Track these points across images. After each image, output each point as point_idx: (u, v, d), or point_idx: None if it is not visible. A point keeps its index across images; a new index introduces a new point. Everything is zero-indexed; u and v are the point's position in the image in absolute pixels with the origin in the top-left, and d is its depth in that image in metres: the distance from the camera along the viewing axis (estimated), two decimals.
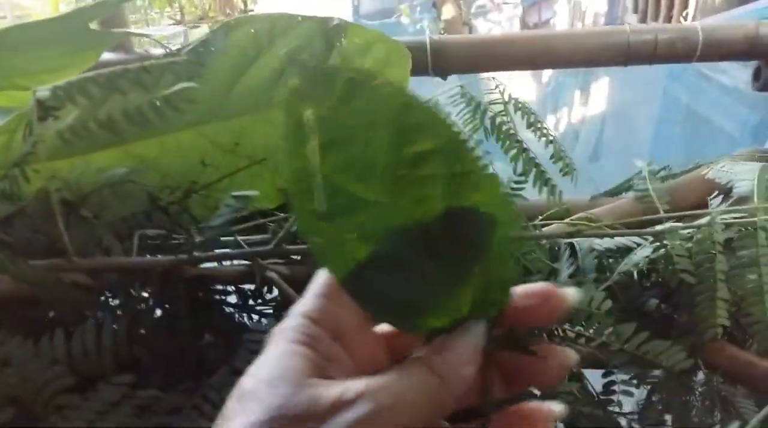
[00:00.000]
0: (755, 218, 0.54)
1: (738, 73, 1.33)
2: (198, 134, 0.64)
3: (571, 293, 0.23)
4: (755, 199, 0.55)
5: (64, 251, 0.41)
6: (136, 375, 0.41)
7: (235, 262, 0.50)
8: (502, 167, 0.53)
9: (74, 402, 0.38)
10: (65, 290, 0.40)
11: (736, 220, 0.56)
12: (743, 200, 0.60)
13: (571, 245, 0.61)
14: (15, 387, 0.37)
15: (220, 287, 0.49)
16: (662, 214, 0.59)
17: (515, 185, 0.54)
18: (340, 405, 0.19)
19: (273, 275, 0.47)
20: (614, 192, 0.74)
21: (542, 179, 0.55)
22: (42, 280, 0.39)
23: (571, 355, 0.24)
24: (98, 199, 0.56)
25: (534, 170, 0.54)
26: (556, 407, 0.23)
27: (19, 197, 0.43)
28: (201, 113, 0.62)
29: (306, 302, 0.23)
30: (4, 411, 0.37)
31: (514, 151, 0.53)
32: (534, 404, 0.23)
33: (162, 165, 0.63)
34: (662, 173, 0.71)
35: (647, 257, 0.57)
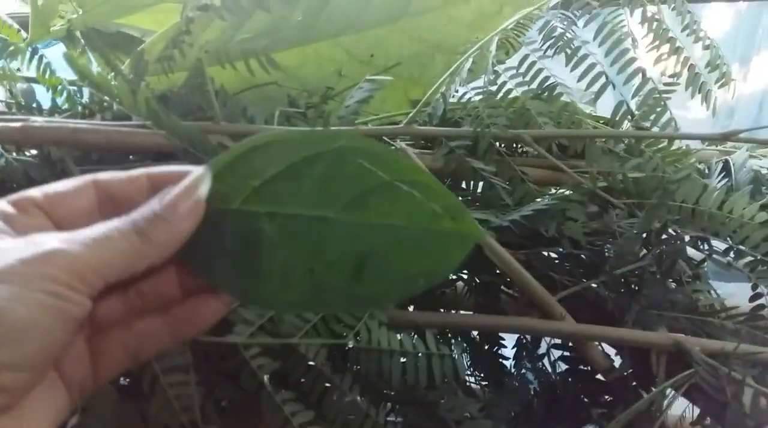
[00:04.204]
0: None
1: None
2: (335, 45, 0.66)
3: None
4: None
5: (213, 116, 0.44)
6: None
7: None
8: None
9: None
10: (212, 148, 0.42)
11: None
12: None
13: (725, 163, 0.56)
14: None
15: None
16: None
17: (664, 88, 0.51)
18: None
19: None
20: None
21: (696, 84, 0.50)
22: (191, 138, 0.42)
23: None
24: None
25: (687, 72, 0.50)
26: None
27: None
28: (339, 24, 0.64)
29: None
30: None
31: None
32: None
33: (301, 74, 0.66)
34: None
35: None
